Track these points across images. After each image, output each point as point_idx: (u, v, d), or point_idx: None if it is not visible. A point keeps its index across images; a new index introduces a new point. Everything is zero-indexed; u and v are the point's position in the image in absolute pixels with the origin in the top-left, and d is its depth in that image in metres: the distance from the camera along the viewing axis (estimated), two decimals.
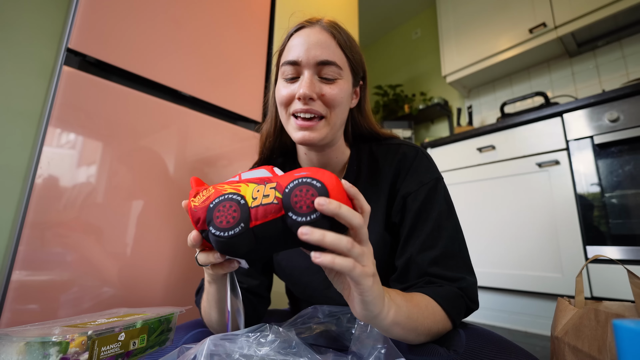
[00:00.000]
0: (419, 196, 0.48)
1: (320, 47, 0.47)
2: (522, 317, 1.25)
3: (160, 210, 0.80)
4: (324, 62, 0.46)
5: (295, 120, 0.47)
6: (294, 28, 0.51)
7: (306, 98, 0.45)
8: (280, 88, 0.48)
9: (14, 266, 0.60)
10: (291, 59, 0.47)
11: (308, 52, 0.46)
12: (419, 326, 0.37)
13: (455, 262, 0.45)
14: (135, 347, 0.38)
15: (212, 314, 0.45)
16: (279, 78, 0.50)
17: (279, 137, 0.57)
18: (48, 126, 0.66)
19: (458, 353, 0.38)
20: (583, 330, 0.35)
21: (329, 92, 0.46)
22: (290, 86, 0.47)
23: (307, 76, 0.46)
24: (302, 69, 0.47)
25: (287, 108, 0.48)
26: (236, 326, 0.39)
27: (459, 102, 2.19)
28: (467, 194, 1.45)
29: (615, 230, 1.04)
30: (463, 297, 0.43)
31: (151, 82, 0.83)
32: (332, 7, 1.46)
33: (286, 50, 0.49)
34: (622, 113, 1.07)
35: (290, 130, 0.49)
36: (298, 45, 0.47)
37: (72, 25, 0.71)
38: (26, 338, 0.30)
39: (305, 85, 0.45)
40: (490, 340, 0.40)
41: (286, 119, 0.49)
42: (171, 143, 0.84)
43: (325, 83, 0.47)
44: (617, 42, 1.55)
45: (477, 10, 1.87)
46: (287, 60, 0.47)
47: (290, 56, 0.47)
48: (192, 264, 0.83)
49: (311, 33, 0.48)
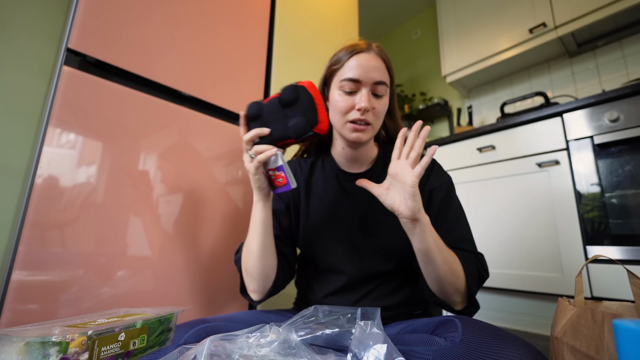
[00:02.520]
0: (441, 192, 0.62)
1: (376, 70, 0.59)
2: (522, 317, 1.25)
3: (160, 210, 0.80)
4: (378, 82, 0.59)
5: (352, 125, 0.59)
6: (351, 50, 0.61)
7: (364, 110, 0.57)
8: (339, 99, 0.60)
9: (14, 266, 0.60)
10: (353, 77, 0.58)
11: (368, 74, 0.58)
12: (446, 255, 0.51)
13: (471, 243, 0.60)
14: (135, 347, 0.38)
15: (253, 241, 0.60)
16: (337, 89, 0.61)
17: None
18: (48, 126, 0.66)
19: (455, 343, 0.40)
20: (581, 330, 0.36)
21: (377, 106, 0.60)
22: (349, 98, 0.59)
23: (365, 93, 0.58)
24: (361, 86, 0.59)
25: (345, 115, 0.60)
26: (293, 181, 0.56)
27: (459, 102, 2.19)
28: (467, 193, 1.45)
29: (615, 230, 1.04)
30: (477, 266, 0.57)
31: (151, 82, 0.83)
32: (332, 7, 1.46)
33: (346, 68, 0.60)
34: (622, 113, 1.07)
35: (345, 132, 0.61)
36: (359, 67, 0.59)
37: (72, 25, 0.71)
38: (26, 338, 0.30)
39: (365, 100, 0.57)
40: (487, 330, 0.41)
41: (342, 124, 0.60)
42: (171, 143, 0.84)
43: (376, 98, 0.60)
44: (617, 42, 1.55)
45: (477, 10, 1.87)
46: (349, 77, 0.59)
47: (351, 74, 0.59)
48: (192, 264, 0.83)
49: (370, 58, 0.60)
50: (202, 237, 0.87)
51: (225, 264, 0.90)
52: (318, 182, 0.69)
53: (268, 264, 0.61)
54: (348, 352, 0.35)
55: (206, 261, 0.86)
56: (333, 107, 0.62)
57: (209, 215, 0.88)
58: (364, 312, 0.42)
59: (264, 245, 0.60)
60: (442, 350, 0.40)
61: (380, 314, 0.42)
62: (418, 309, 0.65)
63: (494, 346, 0.38)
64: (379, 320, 0.40)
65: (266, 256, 0.60)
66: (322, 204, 0.67)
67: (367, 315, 0.42)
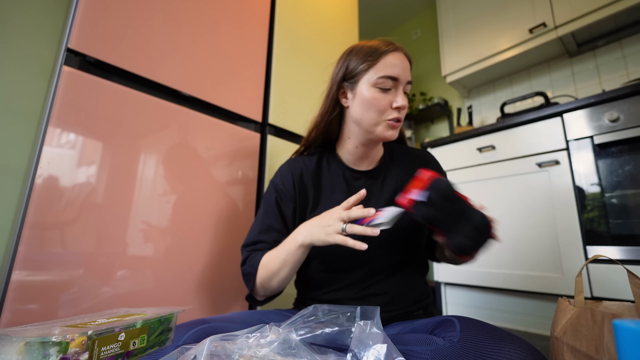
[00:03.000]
0: None
1: (408, 70, 0.62)
2: (522, 317, 1.25)
3: (160, 210, 0.80)
4: (409, 82, 0.62)
5: (390, 123, 0.61)
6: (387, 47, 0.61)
7: (402, 108, 0.60)
8: (377, 96, 0.60)
9: (14, 266, 0.60)
10: (392, 75, 0.59)
11: (404, 73, 0.61)
12: None
13: None
14: (135, 347, 0.38)
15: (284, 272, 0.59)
16: (370, 86, 0.60)
17: (326, 129, 0.68)
18: (48, 126, 0.66)
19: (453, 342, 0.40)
20: (581, 330, 0.36)
21: (406, 105, 0.62)
22: (387, 96, 0.60)
23: (402, 91, 0.61)
24: (398, 84, 0.60)
25: (382, 114, 0.61)
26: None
27: (459, 102, 2.19)
28: (467, 194, 1.45)
29: (615, 230, 1.04)
30: None
31: (151, 82, 0.83)
32: (332, 7, 1.46)
33: (384, 65, 0.60)
34: (622, 113, 1.07)
35: (380, 130, 0.61)
36: (397, 66, 0.60)
37: (72, 25, 0.71)
38: (26, 338, 0.30)
39: (404, 99, 0.60)
40: (485, 329, 0.41)
41: (378, 122, 0.61)
42: (171, 143, 0.84)
43: (405, 98, 0.62)
44: (617, 42, 1.55)
45: (477, 10, 1.87)
46: (390, 75, 0.59)
47: (391, 72, 0.59)
48: (191, 264, 0.83)
49: (403, 58, 0.62)
50: (202, 237, 0.87)
51: (225, 264, 0.90)
52: (325, 182, 0.68)
53: (283, 286, 0.64)
54: (348, 351, 0.35)
55: (206, 261, 0.86)
56: (367, 105, 0.61)
57: (208, 215, 0.88)
58: (363, 311, 0.42)
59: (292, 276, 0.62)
60: (440, 349, 0.40)
61: (379, 314, 0.42)
62: (419, 308, 0.65)
63: (492, 345, 0.38)
64: (378, 320, 0.40)
65: (287, 281, 0.63)
66: (329, 204, 0.65)
67: (366, 314, 0.42)
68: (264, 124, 1.09)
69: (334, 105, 0.66)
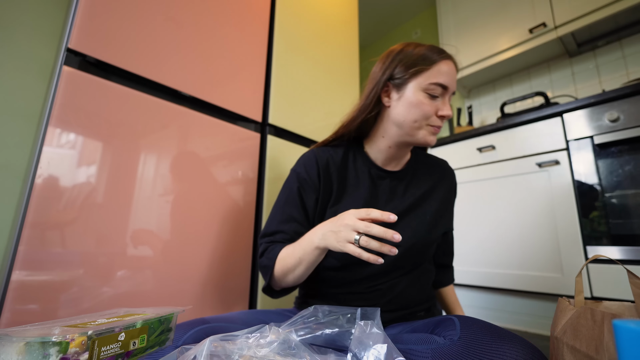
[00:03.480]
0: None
1: (455, 80, 0.63)
2: (522, 317, 1.25)
3: (159, 210, 0.80)
4: (454, 92, 0.63)
5: (431, 128, 0.62)
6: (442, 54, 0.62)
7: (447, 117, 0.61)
8: (425, 101, 0.60)
9: (14, 266, 0.60)
10: (444, 84, 0.60)
11: (453, 83, 0.61)
12: None
13: None
14: (135, 347, 0.38)
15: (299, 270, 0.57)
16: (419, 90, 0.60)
17: (361, 124, 0.68)
18: (48, 126, 0.66)
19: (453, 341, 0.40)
20: (581, 330, 0.35)
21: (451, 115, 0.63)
22: (433, 103, 0.60)
23: (448, 100, 0.62)
24: (446, 93, 0.61)
25: (427, 119, 0.61)
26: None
27: (458, 102, 2.19)
28: (467, 194, 1.45)
29: (615, 230, 1.04)
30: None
31: (151, 82, 0.83)
32: (332, 7, 1.46)
33: (438, 72, 0.60)
34: (622, 113, 1.07)
35: (420, 134, 0.62)
36: (449, 75, 0.60)
37: (72, 25, 0.71)
38: (26, 338, 0.30)
39: (449, 109, 0.61)
40: (485, 328, 0.41)
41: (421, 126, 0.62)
42: (171, 143, 0.84)
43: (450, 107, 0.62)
44: (617, 42, 1.55)
45: (477, 10, 1.87)
46: (442, 83, 0.60)
47: (442, 80, 0.60)
48: (191, 264, 0.83)
49: (454, 68, 0.62)
50: (202, 237, 0.87)
51: (225, 263, 0.90)
52: (351, 176, 0.67)
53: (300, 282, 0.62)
54: (348, 352, 0.35)
55: (206, 261, 0.86)
56: (412, 108, 0.60)
57: (208, 215, 0.88)
58: (363, 312, 0.42)
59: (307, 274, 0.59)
60: (441, 348, 0.40)
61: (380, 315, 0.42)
62: (422, 310, 0.65)
63: (492, 344, 0.38)
64: (378, 320, 0.40)
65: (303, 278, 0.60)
66: (353, 200, 0.64)
67: (366, 315, 0.42)
68: (264, 124, 1.09)
69: (376, 103, 0.65)
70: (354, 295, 0.62)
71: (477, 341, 0.39)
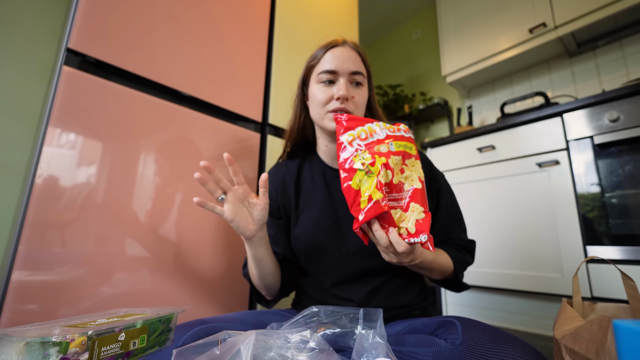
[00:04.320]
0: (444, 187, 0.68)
1: (351, 61, 0.62)
2: (522, 317, 1.25)
3: (159, 210, 0.80)
4: (354, 72, 0.62)
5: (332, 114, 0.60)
6: (327, 46, 0.64)
7: (343, 98, 0.59)
8: (318, 91, 0.62)
9: (14, 266, 0.60)
10: (330, 69, 0.61)
11: (343, 64, 0.61)
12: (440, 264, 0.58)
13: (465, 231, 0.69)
14: (135, 347, 0.38)
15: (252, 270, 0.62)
16: (315, 83, 0.63)
17: (301, 132, 0.71)
18: (48, 126, 0.66)
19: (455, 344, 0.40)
20: (582, 334, 0.35)
21: (356, 95, 0.62)
22: (328, 89, 0.61)
23: (343, 82, 0.61)
24: (338, 76, 0.61)
25: (324, 106, 0.61)
26: None
27: (459, 102, 2.19)
28: (467, 194, 1.45)
29: (615, 230, 1.04)
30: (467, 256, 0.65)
31: (151, 82, 0.83)
32: (332, 7, 1.46)
33: (323, 62, 0.62)
34: (622, 113, 1.07)
35: (326, 123, 0.62)
36: (335, 59, 0.61)
37: (72, 25, 0.71)
38: (26, 338, 0.30)
39: (343, 88, 0.59)
40: (487, 331, 0.41)
41: (323, 115, 0.62)
42: (171, 143, 0.84)
43: (354, 88, 0.62)
44: (617, 42, 1.55)
45: (477, 10, 1.87)
46: (326, 69, 0.61)
47: (328, 66, 0.61)
48: (191, 263, 0.83)
49: (344, 50, 0.63)
50: (202, 238, 0.87)
51: (224, 264, 0.90)
52: (306, 183, 0.70)
53: (270, 283, 0.65)
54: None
55: (206, 261, 0.86)
56: (313, 101, 0.64)
57: (208, 215, 0.88)
58: (366, 313, 0.42)
59: (261, 274, 0.63)
60: (443, 351, 0.39)
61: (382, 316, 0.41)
62: (417, 309, 0.65)
63: (494, 348, 0.37)
64: (381, 322, 0.40)
65: (267, 278, 0.64)
66: (311, 205, 0.66)
67: (369, 317, 0.41)
68: (264, 124, 1.09)
69: (302, 109, 0.70)
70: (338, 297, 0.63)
71: (479, 345, 0.38)
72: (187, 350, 0.31)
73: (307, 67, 0.67)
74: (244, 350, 0.29)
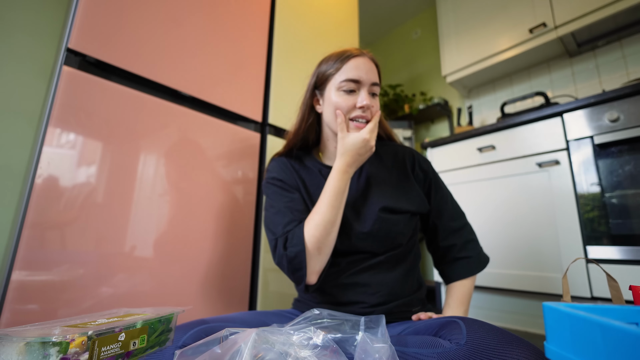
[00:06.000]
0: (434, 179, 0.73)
1: (372, 72, 0.65)
2: (522, 317, 1.25)
3: (159, 210, 0.80)
4: (374, 83, 0.65)
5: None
6: (346, 54, 0.66)
7: (366, 108, 0.63)
8: (339, 99, 0.64)
9: (14, 266, 0.60)
10: (354, 78, 0.63)
11: (367, 75, 0.64)
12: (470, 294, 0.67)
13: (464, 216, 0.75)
14: (136, 347, 0.38)
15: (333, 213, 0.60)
16: (335, 90, 0.65)
17: (305, 134, 0.72)
18: (48, 126, 0.66)
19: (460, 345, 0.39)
20: None
21: (375, 104, 0.65)
22: (349, 98, 0.64)
23: (365, 92, 0.64)
24: (360, 86, 0.64)
25: (347, 114, 0.64)
26: None
27: (459, 102, 2.19)
28: (467, 194, 1.45)
29: (615, 230, 1.04)
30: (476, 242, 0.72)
31: (151, 82, 0.83)
32: (332, 7, 1.46)
33: (345, 70, 0.64)
34: (622, 113, 1.07)
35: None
36: (358, 69, 0.64)
37: (72, 25, 0.71)
38: (26, 338, 0.30)
39: (367, 98, 0.63)
40: (491, 332, 0.41)
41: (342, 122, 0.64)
42: (171, 143, 0.84)
43: (372, 98, 0.65)
44: (617, 42, 1.55)
45: (477, 10, 1.87)
46: (350, 78, 0.63)
47: (352, 75, 0.63)
48: (191, 263, 0.83)
49: (366, 61, 0.65)
50: (202, 238, 0.87)
51: (225, 264, 0.90)
52: (304, 176, 0.72)
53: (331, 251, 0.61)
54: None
55: (206, 261, 0.86)
56: (331, 107, 0.65)
57: (208, 215, 0.88)
58: (367, 321, 0.41)
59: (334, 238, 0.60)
60: (447, 352, 0.39)
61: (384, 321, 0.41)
62: (417, 306, 0.65)
63: (499, 349, 0.37)
64: (383, 326, 0.39)
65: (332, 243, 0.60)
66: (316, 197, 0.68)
67: (370, 323, 0.41)
68: (264, 124, 1.09)
69: (309, 112, 0.71)
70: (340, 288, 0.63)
71: (484, 346, 0.38)
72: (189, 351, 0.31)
73: (324, 73, 0.67)
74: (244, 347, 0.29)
